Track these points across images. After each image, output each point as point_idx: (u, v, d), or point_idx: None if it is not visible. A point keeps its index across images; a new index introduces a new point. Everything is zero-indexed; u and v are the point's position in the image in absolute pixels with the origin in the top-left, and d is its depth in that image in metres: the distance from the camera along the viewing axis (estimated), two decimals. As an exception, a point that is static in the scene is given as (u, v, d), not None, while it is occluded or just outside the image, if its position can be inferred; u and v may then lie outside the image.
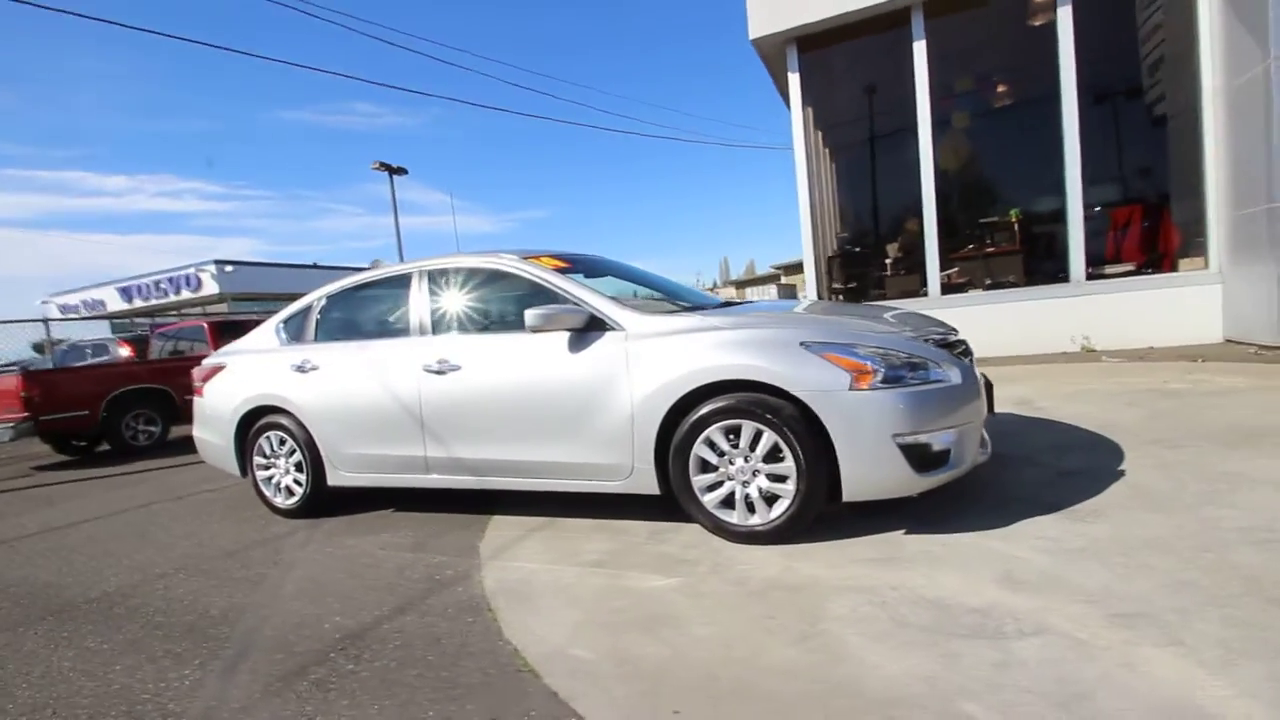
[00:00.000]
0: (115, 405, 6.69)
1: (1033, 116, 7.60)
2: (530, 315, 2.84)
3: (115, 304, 24.89)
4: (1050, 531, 2.46)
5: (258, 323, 8.54)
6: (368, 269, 4.06)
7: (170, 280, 23.06)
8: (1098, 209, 7.23)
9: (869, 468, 2.43)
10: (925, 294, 7.18)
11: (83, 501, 4.93)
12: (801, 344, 2.53)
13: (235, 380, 3.86)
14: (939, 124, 7.41)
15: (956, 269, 7.58)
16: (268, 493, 3.78)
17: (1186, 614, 1.83)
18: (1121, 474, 2.98)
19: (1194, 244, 6.44)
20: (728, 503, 2.67)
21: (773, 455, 2.55)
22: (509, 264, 3.23)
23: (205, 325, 7.89)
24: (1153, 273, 6.62)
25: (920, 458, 2.44)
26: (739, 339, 2.64)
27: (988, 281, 7.51)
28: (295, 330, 3.82)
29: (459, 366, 3.12)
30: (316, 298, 3.81)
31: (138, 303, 24.26)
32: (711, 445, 2.65)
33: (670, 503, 2.87)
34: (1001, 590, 2.07)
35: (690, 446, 2.67)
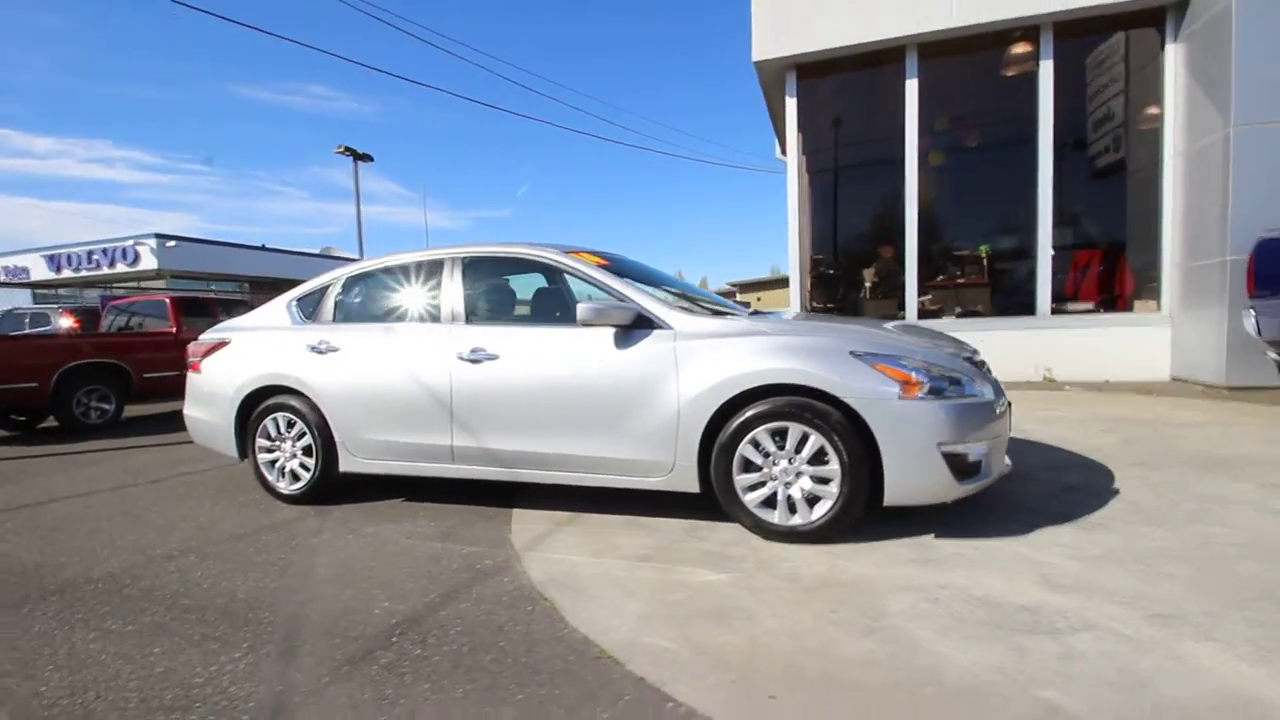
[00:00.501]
0: (68, 379, 6.23)
1: (1004, 160, 8.11)
2: (582, 309, 2.86)
3: (41, 273, 23.14)
4: (1067, 540, 2.64)
5: (220, 301, 8.17)
6: (323, 255, 3.98)
7: (104, 252, 21.63)
8: (1055, 250, 7.74)
9: (913, 474, 2.55)
10: (903, 317, 7.51)
11: (44, 480, 4.58)
12: (851, 353, 2.64)
13: (240, 358, 3.70)
14: (885, 165, 7.82)
15: (930, 296, 7.96)
16: (270, 477, 3.62)
17: (1213, 616, 2.01)
18: (1117, 491, 3.22)
19: (1147, 288, 6.99)
20: (769, 503, 2.74)
21: (818, 458, 2.65)
22: (553, 257, 3.24)
23: (168, 300, 7.45)
24: (1108, 312, 7.14)
25: (959, 467, 2.58)
26: (790, 345, 2.73)
27: (958, 310, 7.92)
28: (310, 309, 3.70)
29: (496, 356, 3.10)
30: (334, 278, 3.70)
31: (67, 273, 22.64)
32: (756, 445, 2.73)
33: (702, 501, 2.93)
34: (1043, 591, 2.21)
35: (736, 446, 2.74)
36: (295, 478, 3.58)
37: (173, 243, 21.35)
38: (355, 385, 3.37)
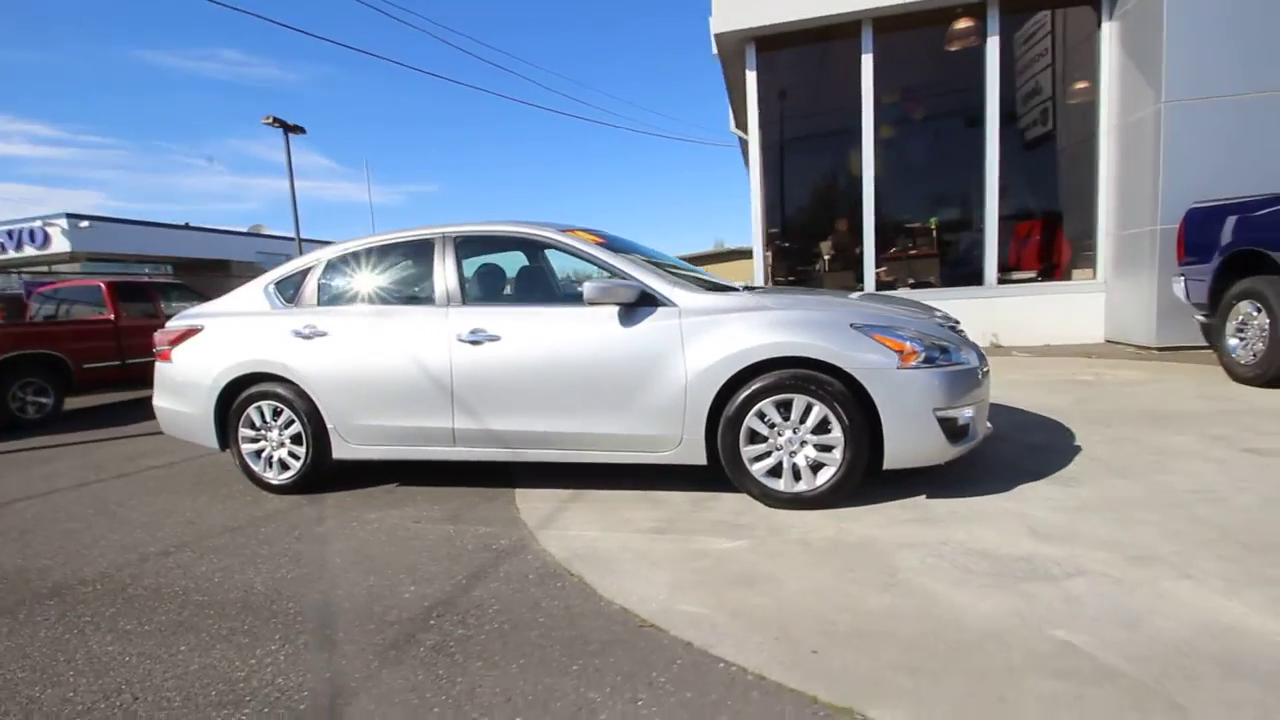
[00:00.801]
0: (1, 372, 5.78)
1: (951, 134, 8.43)
2: (589, 288, 2.87)
3: (-70, 257, 21.01)
4: (1046, 494, 2.87)
5: (157, 285, 7.70)
6: (253, 234, 3.86)
7: (9, 234, 19.80)
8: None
9: (912, 439, 2.71)
10: (861, 289, 7.78)
11: (-13, 480, 4.28)
12: (851, 325, 2.76)
13: (216, 345, 3.53)
14: (842, 138, 8.04)
15: (885, 268, 8.26)
16: (256, 467, 3.51)
17: (1185, 556, 2.24)
18: (1079, 448, 3.49)
19: (1083, 257, 7.46)
20: (774, 472, 2.86)
21: (821, 427, 2.77)
22: (551, 236, 3.21)
23: (103, 285, 6.95)
24: (1048, 280, 7.59)
25: (951, 430, 2.75)
26: (793, 319, 2.82)
27: (910, 281, 8.25)
28: (290, 293, 3.55)
29: (497, 337, 3.08)
30: (316, 260, 3.56)
31: (-37, 258, 20.62)
32: (761, 417, 2.83)
33: (703, 472, 3.03)
34: (1034, 542, 2.41)
35: (742, 419, 2.83)
36: (284, 467, 3.48)
37: (86, 223, 19.73)
38: (347, 371, 3.28)
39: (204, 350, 3.55)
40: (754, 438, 2.86)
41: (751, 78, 7.56)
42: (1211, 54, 5.58)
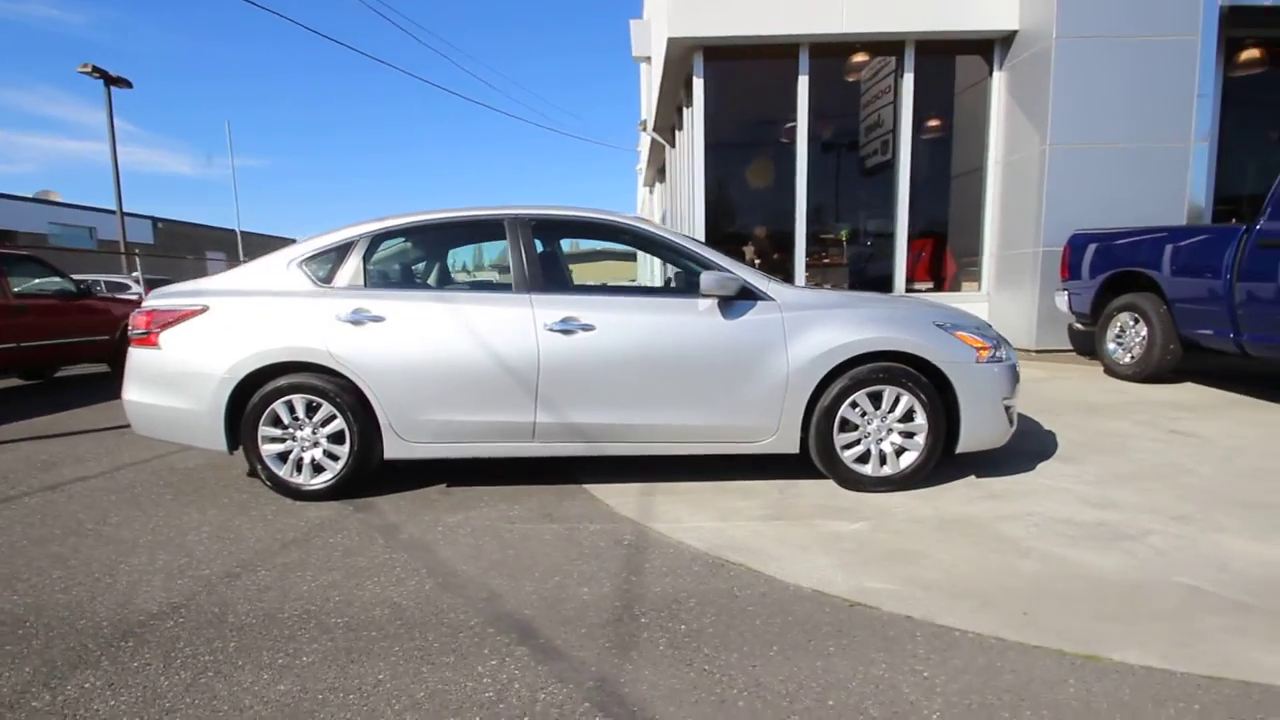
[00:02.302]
0: None
1: (860, 155, 9.34)
2: (707, 279, 2.88)
3: None
4: (1063, 471, 3.38)
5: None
6: (40, 200, 3.50)
7: None
8: (878, 238, 9.24)
9: (984, 426, 3.06)
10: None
11: None
12: (935, 323, 3.05)
13: (231, 329, 2.99)
14: (783, 148, 8.69)
15: (808, 274, 8.94)
16: (281, 471, 3.02)
17: (1207, 513, 2.78)
18: (1051, 433, 4.11)
19: (968, 271, 8.64)
20: (861, 458, 3.07)
21: (907, 416, 3.03)
22: (643, 226, 3.16)
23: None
24: (940, 291, 8.70)
25: (1009, 418, 3.14)
26: (885, 316, 3.06)
27: (828, 285, 9.01)
28: (327, 273, 3.10)
29: (591, 326, 2.96)
30: (356, 235, 3.14)
31: None
32: (853, 406, 3.02)
33: (782, 461, 3.17)
34: (1093, 509, 2.85)
35: (837, 409, 3.01)
36: (319, 469, 3.04)
37: None
38: (410, 361, 2.95)
39: (212, 335, 2.99)
40: (844, 426, 3.04)
41: (699, 85, 7.81)
42: (1090, 106, 6.78)
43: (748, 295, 3.03)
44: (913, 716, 1.56)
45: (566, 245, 3.96)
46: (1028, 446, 3.80)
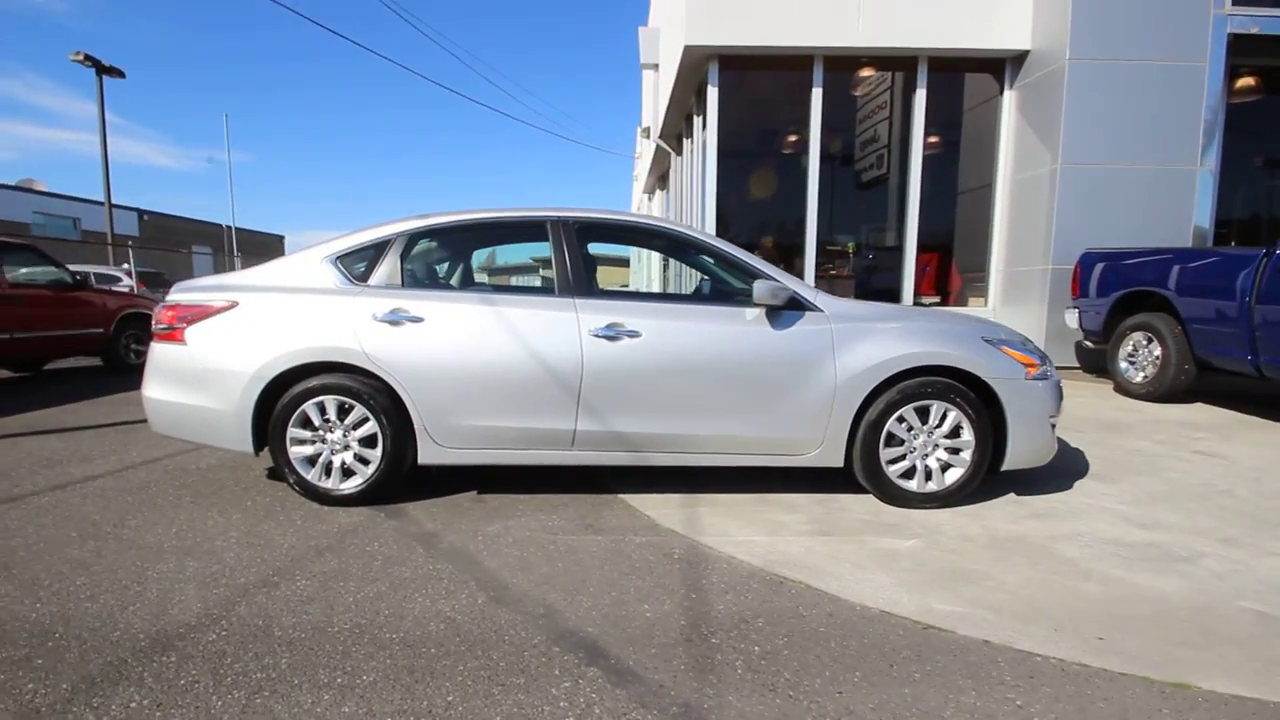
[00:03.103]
0: None
1: (876, 168, 9.39)
2: (760, 288, 2.83)
3: None
4: (1099, 490, 3.36)
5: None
6: (22, 189, 3.40)
7: None
8: (879, 251, 9.29)
9: (1030, 442, 3.02)
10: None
11: None
12: (983, 339, 3.02)
13: (262, 326, 2.87)
14: (790, 159, 8.72)
15: (816, 286, 8.95)
16: (309, 475, 2.90)
17: (1253, 536, 2.77)
18: (1080, 451, 4.10)
19: (974, 287, 8.69)
20: (906, 474, 3.02)
21: (954, 432, 2.99)
22: (690, 233, 3.09)
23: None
24: (946, 305, 8.74)
25: (1054, 436, 3.11)
26: (933, 330, 3.02)
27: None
28: (363, 271, 3.00)
29: (637, 333, 2.89)
30: (394, 234, 3.04)
31: None
32: (900, 421, 2.98)
33: (818, 474, 3.13)
34: (1139, 530, 2.82)
35: (884, 423, 2.96)
36: (348, 474, 2.93)
37: None
38: (450, 364, 2.86)
39: (242, 332, 2.87)
40: (890, 441, 2.99)
41: (713, 94, 7.79)
42: (1101, 128, 6.86)
43: (796, 306, 2.97)
44: (1016, 748, 1.50)
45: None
46: (1060, 464, 3.77)
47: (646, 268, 15.76)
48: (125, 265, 12.32)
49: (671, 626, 2.00)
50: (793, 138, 8.88)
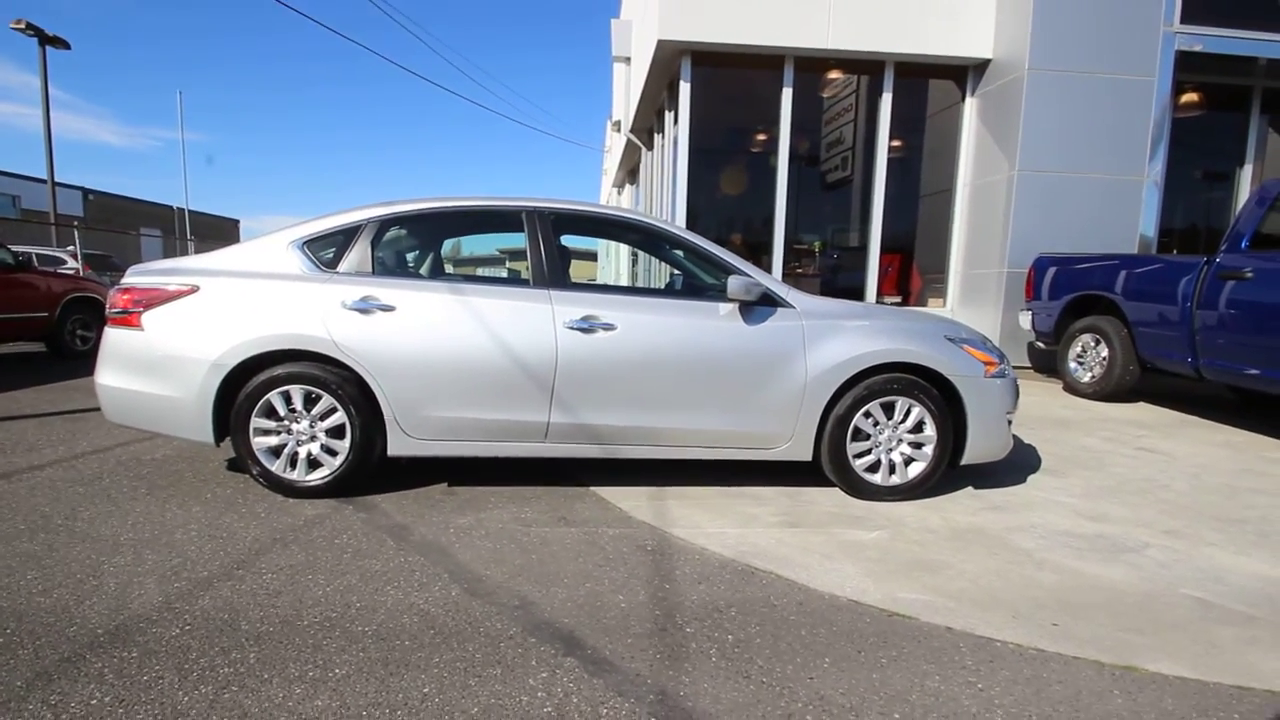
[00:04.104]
0: None
1: (838, 170, 9.55)
2: (734, 284, 2.86)
3: None
4: (1051, 484, 3.51)
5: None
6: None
7: None
8: (843, 251, 9.50)
9: (988, 438, 3.14)
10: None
11: None
12: (946, 337, 3.12)
13: (224, 312, 2.78)
14: (759, 158, 8.83)
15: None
16: (274, 466, 2.83)
17: (1193, 528, 2.93)
18: (1032, 447, 4.27)
19: (934, 288, 8.94)
20: (871, 468, 3.11)
21: (917, 427, 3.08)
22: (666, 227, 3.11)
23: None
24: (907, 305, 8.97)
25: (1010, 432, 3.24)
26: (900, 328, 3.10)
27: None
28: (331, 257, 2.93)
29: (612, 326, 2.89)
30: (364, 219, 2.97)
31: None
32: (867, 416, 3.06)
33: (783, 467, 3.20)
34: (1089, 522, 2.96)
35: (851, 418, 3.03)
36: (314, 465, 2.86)
37: None
38: (422, 354, 2.82)
39: (203, 318, 2.77)
40: (856, 435, 3.07)
41: (685, 89, 7.82)
42: (1057, 136, 7.12)
43: (769, 302, 3.02)
44: (978, 729, 1.57)
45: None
46: (1014, 459, 3.91)
47: (615, 262, 15.75)
48: (70, 247, 11.74)
49: (646, 616, 2.02)
50: (762, 136, 8.98)
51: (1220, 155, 9.27)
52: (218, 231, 31.09)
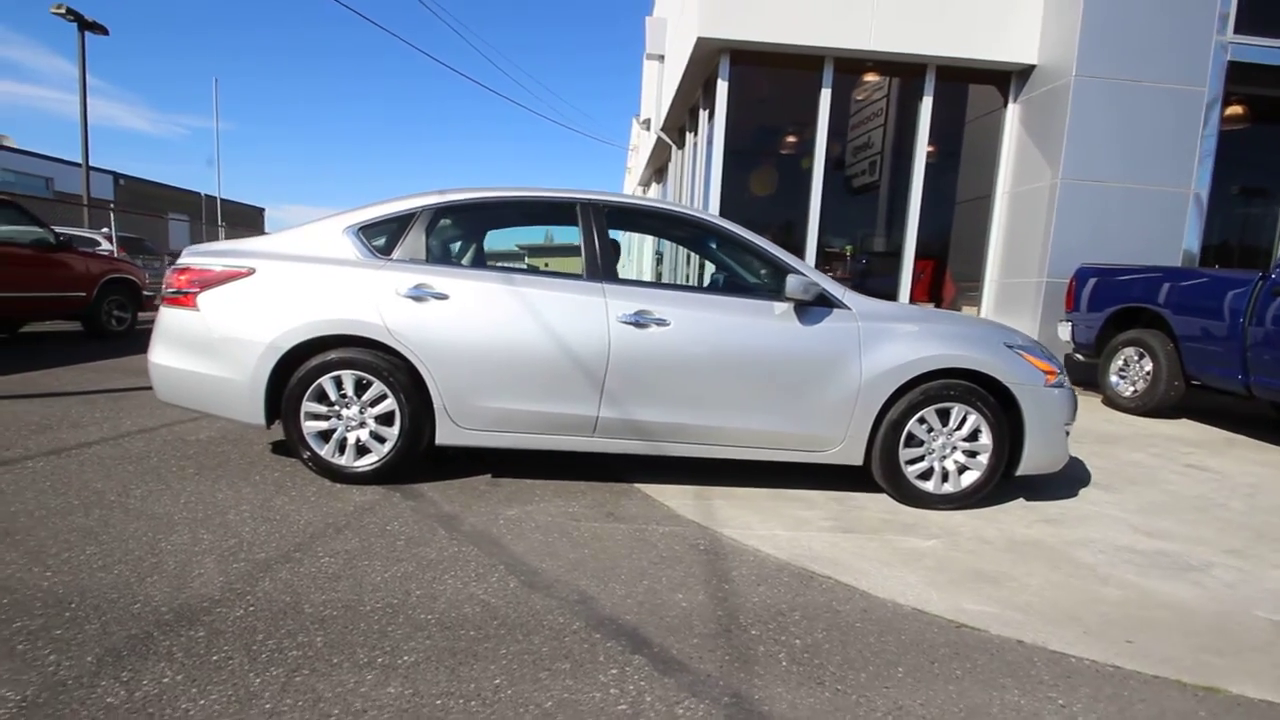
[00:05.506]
0: None
1: (877, 174, 9.45)
2: (793, 283, 2.82)
3: None
4: (1104, 499, 3.42)
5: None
6: None
7: None
8: (873, 256, 9.40)
9: (1046, 448, 3.06)
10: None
11: None
12: (1005, 344, 3.04)
13: (279, 296, 2.78)
14: (793, 159, 8.75)
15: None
16: (323, 451, 2.82)
17: (1255, 548, 2.84)
18: (1080, 461, 4.18)
19: (967, 296, 8.81)
20: (924, 475, 3.04)
21: (972, 435, 3.01)
22: (718, 222, 3.07)
23: None
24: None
25: (1067, 444, 3.16)
26: (958, 333, 3.03)
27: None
28: (385, 244, 2.92)
29: (666, 322, 2.86)
30: (419, 207, 2.96)
31: None
32: (921, 422, 2.99)
33: (829, 471, 3.15)
34: (1147, 538, 2.88)
35: (905, 423, 2.97)
36: (363, 451, 2.85)
37: None
38: (475, 344, 2.80)
39: (259, 300, 2.77)
40: (910, 441, 3.01)
41: (723, 87, 7.76)
42: (1102, 145, 6.99)
43: (824, 302, 2.97)
44: (1066, 747, 1.51)
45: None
46: (1063, 472, 3.82)
47: (637, 259, 15.70)
48: (104, 229, 11.91)
49: (709, 617, 1.98)
50: (798, 138, 8.91)
51: (1262, 170, 9.05)
52: (244, 219, 31.47)
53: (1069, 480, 3.67)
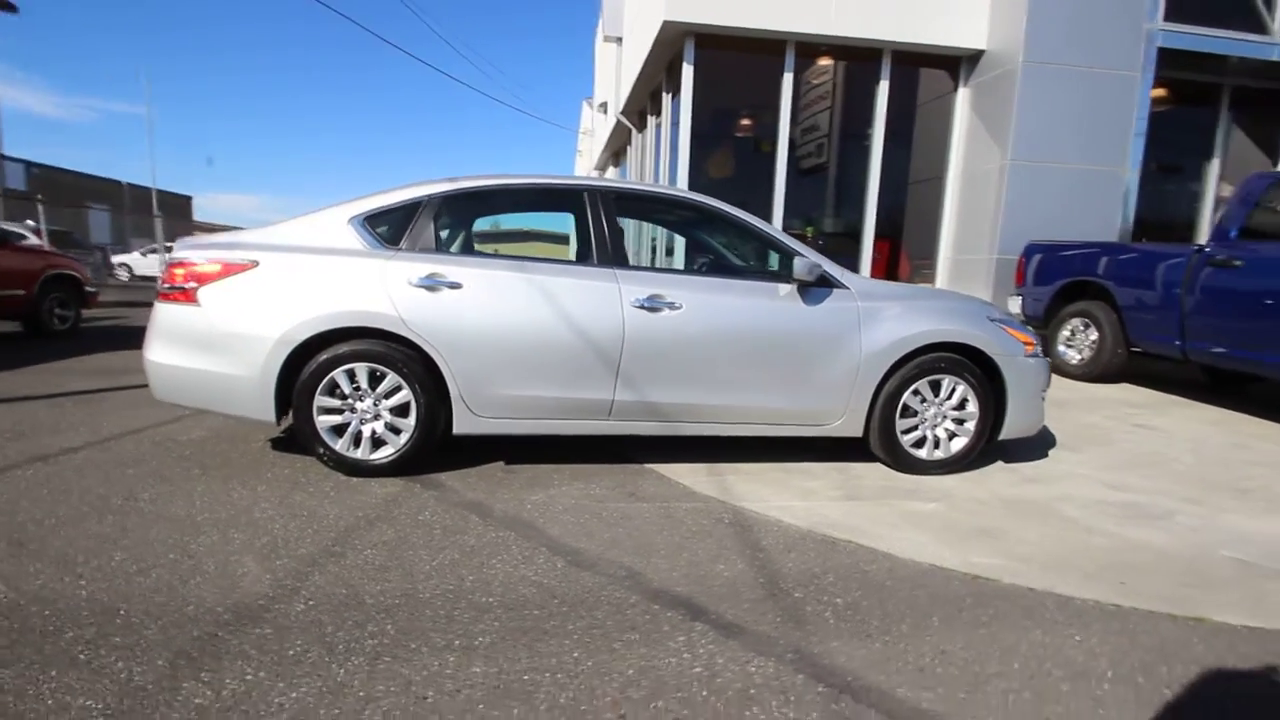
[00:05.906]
0: None
1: (832, 155, 9.71)
2: (799, 265, 2.93)
3: None
4: (1072, 459, 3.71)
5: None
6: None
7: None
8: (828, 237, 9.73)
9: (1025, 415, 3.30)
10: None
11: None
12: (989, 318, 3.26)
13: (287, 288, 2.71)
14: (754, 142, 8.92)
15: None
16: (338, 444, 2.79)
17: (1210, 496, 3.15)
18: (1044, 425, 4.49)
19: (922, 274, 9.21)
20: (917, 443, 3.24)
21: (961, 404, 3.22)
22: (723, 207, 3.14)
23: None
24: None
25: (1043, 408, 3.41)
26: (949, 308, 3.23)
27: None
28: (392, 233, 2.88)
29: (678, 306, 2.93)
30: (426, 195, 2.92)
31: None
32: (915, 393, 3.18)
33: (831, 444, 3.32)
34: (1117, 493, 3.16)
35: (900, 395, 3.15)
36: (378, 444, 2.83)
37: None
38: (490, 332, 2.81)
39: (265, 294, 2.70)
40: (905, 412, 3.19)
41: (688, 71, 7.82)
42: (1048, 128, 7.40)
43: (825, 283, 3.10)
44: (1090, 675, 1.70)
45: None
46: (1034, 437, 4.12)
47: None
48: (29, 221, 11.07)
49: (751, 583, 2.10)
50: (760, 122, 9.05)
51: (1188, 150, 9.75)
52: (171, 208, 29.62)
53: (1036, 443, 3.95)
